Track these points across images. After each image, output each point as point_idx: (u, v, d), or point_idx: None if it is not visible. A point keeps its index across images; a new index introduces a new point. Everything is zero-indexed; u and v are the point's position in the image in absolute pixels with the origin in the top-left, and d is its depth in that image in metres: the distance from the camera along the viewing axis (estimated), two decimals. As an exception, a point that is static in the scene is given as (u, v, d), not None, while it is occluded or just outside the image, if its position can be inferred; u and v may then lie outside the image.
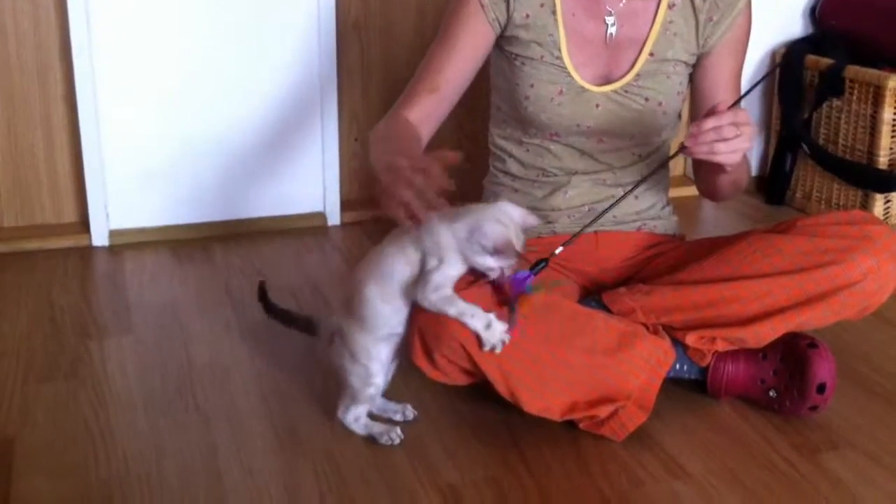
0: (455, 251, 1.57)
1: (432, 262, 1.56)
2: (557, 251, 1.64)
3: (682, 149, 1.62)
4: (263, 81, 2.64)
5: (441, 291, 1.56)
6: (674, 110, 1.89)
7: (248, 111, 2.65)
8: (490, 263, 1.56)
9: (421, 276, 1.57)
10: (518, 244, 1.57)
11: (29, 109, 2.55)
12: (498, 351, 1.57)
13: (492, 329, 1.56)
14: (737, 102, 1.78)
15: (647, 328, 1.74)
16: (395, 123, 1.81)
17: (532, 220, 1.63)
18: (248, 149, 2.67)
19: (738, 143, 1.62)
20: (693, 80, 1.92)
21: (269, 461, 1.66)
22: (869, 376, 1.95)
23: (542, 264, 1.62)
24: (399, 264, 1.59)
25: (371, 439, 1.70)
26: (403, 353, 1.69)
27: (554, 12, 1.81)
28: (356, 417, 1.71)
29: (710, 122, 1.59)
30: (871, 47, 2.79)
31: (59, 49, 2.52)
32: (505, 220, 1.57)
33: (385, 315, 1.62)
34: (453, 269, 1.57)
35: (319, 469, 1.64)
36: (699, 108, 1.94)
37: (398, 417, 1.77)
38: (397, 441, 1.69)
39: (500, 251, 1.54)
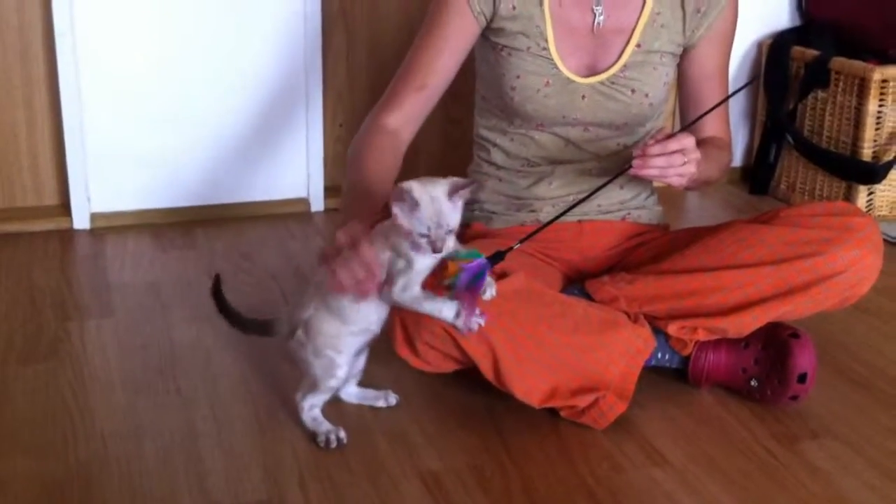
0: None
1: (400, 264, 1.55)
2: (515, 245, 1.61)
3: (628, 168, 1.64)
4: (248, 65, 2.63)
5: (409, 291, 1.55)
6: (660, 101, 1.89)
7: (233, 95, 2.64)
8: (416, 227, 1.50)
9: (389, 278, 1.56)
10: (443, 209, 1.52)
11: (11, 91, 2.54)
12: (474, 331, 1.56)
13: (461, 316, 1.55)
14: (717, 105, 1.78)
15: (629, 317, 1.74)
16: (369, 145, 1.78)
17: (464, 190, 1.55)
18: (231, 133, 2.66)
19: (685, 169, 1.65)
20: (680, 71, 1.92)
21: (249, 443, 1.66)
22: (849, 366, 1.96)
23: (500, 257, 1.59)
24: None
25: (311, 434, 1.67)
26: (383, 342, 1.68)
27: (541, 3, 1.80)
28: (311, 406, 1.67)
29: (655, 149, 1.62)
30: (858, 39, 2.80)
31: (42, 31, 2.50)
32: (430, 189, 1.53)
33: (364, 310, 1.61)
34: (420, 265, 1.55)
35: (300, 452, 1.63)
36: (687, 100, 1.94)
37: (381, 404, 1.76)
38: (333, 445, 1.64)
39: (400, 201, 1.50)
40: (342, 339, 1.63)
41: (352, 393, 1.76)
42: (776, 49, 2.90)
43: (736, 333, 1.77)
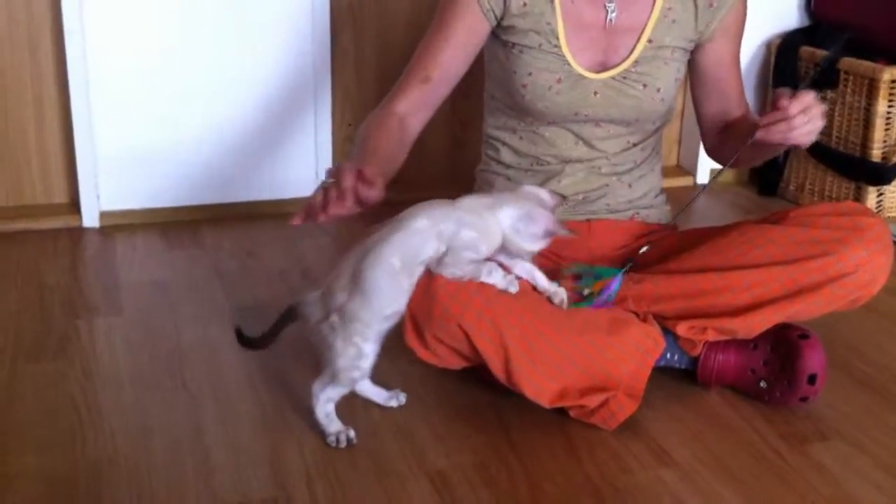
0: (497, 236, 1.59)
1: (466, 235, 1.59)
2: (642, 251, 1.73)
3: (753, 136, 1.67)
4: (257, 64, 2.63)
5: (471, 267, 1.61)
6: (671, 97, 1.89)
7: (241, 94, 2.64)
8: (535, 248, 1.61)
9: (449, 252, 1.58)
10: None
11: (20, 88, 2.54)
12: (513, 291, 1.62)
13: (509, 279, 1.62)
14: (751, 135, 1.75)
15: (638, 316, 1.73)
16: (376, 123, 1.79)
17: (557, 198, 1.67)
18: (240, 132, 2.66)
19: (813, 125, 1.65)
20: (696, 65, 1.92)
21: (257, 441, 1.66)
22: (858, 367, 1.95)
23: (630, 264, 1.72)
24: (431, 241, 1.58)
25: (320, 430, 1.66)
26: (391, 339, 1.67)
27: (552, 0, 1.80)
28: (328, 399, 1.65)
29: (777, 115, 1.63)
30: (867, 39, 2.79)
31: (51, 28, 2.51)
32: (543, 204, 1.62)
33: (402, 290, 1.60)
34: (485, 254, 1.60)
35: (307, 450, 1.63)
36: (707, 92, 1.95)
37: (393, 403, 1.76)
38: (343, 445, 1.64)
39: (549, 234, 1.60)
40: (373, 326, 1.60)
41: (365, 389, 1.76)
42: (785, 49, 2.90)
43: (745, 334, 1.76)
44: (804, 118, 1.63)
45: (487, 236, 1.58)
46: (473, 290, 1.60)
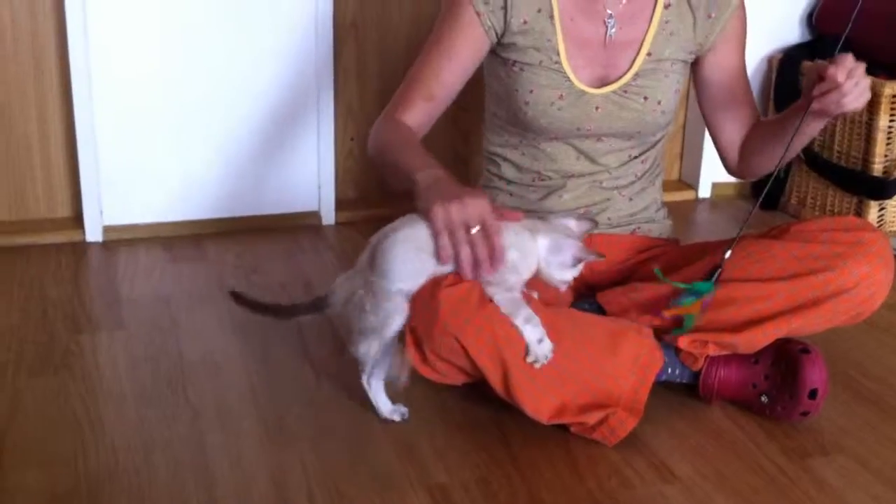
0: (535, 259, 1.62)
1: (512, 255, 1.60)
2: (727, 255, 1.70)
3: (808, 109, 1.69)
4: (260, 79, 2.64)
5: (512, 293, 1.60)
6: (671, 109, 1.89)
7: (244, 109, 2.65)
8: (568, 277, 1.64)
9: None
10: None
11: (24, 102, 2.55)
12: (538, 366, 1.61)
13: (543, 343, 1.61)
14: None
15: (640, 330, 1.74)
16: (393, 128, 1.81)
17: (585, 225, 1.69)
18: (243, 146, 2.67)
19: (861, 87, 1.65)
20: (704, 78, 1.93)
21: (258, 455, 1.66)
22: (859, 381, 1.95)
23: (718, 272, 1.69)
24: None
25: (372, 407, 1.71)
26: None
27: (552, 17, 1.81)
28: (373, 361, 1.68)
29: (827, 85, 1.63)
30: (869, 54, 2.78)
31: (56, 41, 2.52)
32: (572, 234, 1.65)
33: (420, 270, 1.61)
34: (526, 276, 1.62)
35: (308, 463, 1.64)
36: (718, 105, 1.94)
37: (395, 417, 1.76)
38: (398, 419, 1.72)
39: (578, 262, 1.63)
40: (392, 296, 1.62)
41: (376, 390, 1.75)
42: (786, 64, 2.90)
43: (746, 349, 1.76)
44: (852, 82, 1.63)
45: (526, 258, 1.61)
46: (474, 305, 1.60)
